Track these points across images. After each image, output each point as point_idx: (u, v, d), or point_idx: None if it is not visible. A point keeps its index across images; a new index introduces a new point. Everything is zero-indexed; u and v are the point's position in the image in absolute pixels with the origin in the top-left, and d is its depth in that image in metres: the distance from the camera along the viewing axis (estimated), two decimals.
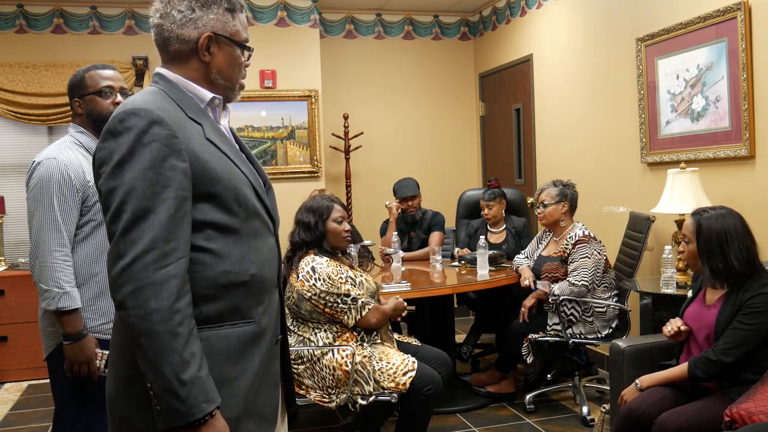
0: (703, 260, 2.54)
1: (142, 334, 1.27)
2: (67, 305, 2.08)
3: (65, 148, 2.22)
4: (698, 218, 2.57)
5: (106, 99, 2.28)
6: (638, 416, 2.48)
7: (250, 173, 1.50)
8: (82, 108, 2.28)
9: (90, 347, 2.13)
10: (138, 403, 1.36)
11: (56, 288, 2.08)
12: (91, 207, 2.19)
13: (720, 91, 3.53)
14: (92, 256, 2.19)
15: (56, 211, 2.11)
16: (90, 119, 2.29)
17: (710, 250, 2.51)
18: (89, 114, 2.28)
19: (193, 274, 1.36)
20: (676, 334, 2.63)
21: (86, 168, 2.19)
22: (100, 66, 2.32)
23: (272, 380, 1.53)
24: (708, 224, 2.53)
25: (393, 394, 2.88)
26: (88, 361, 2.13)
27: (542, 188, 3.96)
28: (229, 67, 1.51)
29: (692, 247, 2.58)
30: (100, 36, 5.33)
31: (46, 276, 2.08)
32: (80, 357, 2.12)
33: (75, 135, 2.29)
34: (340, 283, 2.94)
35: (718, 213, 2.56)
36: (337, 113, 5.97)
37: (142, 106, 1.34)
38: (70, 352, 2.11)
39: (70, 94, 2.30)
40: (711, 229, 2.52)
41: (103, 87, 2.27)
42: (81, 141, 2.28)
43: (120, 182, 1.30)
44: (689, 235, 2.59)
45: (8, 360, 4.82)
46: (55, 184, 2.12)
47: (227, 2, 1.49)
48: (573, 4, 4.79)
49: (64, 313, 2.09)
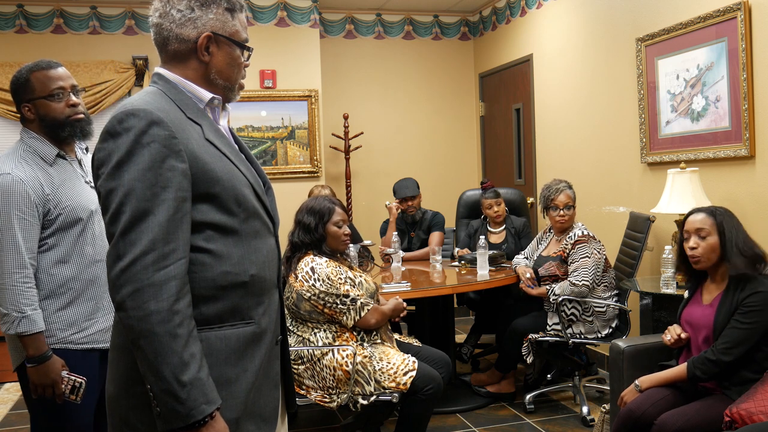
0: (732, 251, 2.50)
1: (142, 336, 1.27)
2: (27, 330, 1.98)
3: (18, 160, 2.05)
4: (714, 213, 2.56)
5: (59, 102, 2.09)
6: (638, 417, 2.48)
7: (250, 174, 1.50)
8: (33, 113, 2.10)
9: (54, 369, 2.03)
10: (138, 405, 1.36)
11: (15, 312, 1.97)
12: (55, 219, 2.05)
13: (720, 91, 3.53)
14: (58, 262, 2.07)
15: (16, 231, 1.98)
16: (44, 125, 2.10)
17: (739, 239, 2.50)
18: (42, 120, 2.09)
19: (193, 274, 1.36)
20: (676, 341, 2.63)
21: (43, 180, 2.05)
22: (44, 64, 2.12)
23: (272, 381, 1.53)
24: (727, 219, 2.54)
25: (394, 394, 2.89)
26: (52, 384, 2.03)
27: (556, 189, 3.84)
28: (228, 67, 1.50)
29: (713, 240, 2.53)
30: (100, 36, 5.33)
31: (5, 299, 1.97)
32: (44, 380, 2.02)
33: (28, 142, 2.10)
34: (339, 283, 2.94)
35: (725, 209, 2.59)
36: (337, 113, 5.97)
37: (141, 107, 1.34)
38: (35, 375, 2.02)
39: (16, 98, 2.10)
40: (731, 222, 2.53)
41: (54, 89, 2.09)
42: (35, 148, 2.09)
43: (119, 183, 1.30)
44: (708, 229, 2.54)
45: (8, 360, 4.80)
46: (13, 204, 1.98)
47: (227, 2, 1.48)
48: (573, 4, 4.79)
49: (26, 336, 1.99)
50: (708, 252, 2.56)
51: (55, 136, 2.12)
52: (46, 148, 2.11)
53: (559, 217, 3.83)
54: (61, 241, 2.08)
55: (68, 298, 2.09)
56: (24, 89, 2.10)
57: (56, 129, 2.10)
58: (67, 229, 2.08)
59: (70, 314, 2.09)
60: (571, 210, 3.84)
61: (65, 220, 2.07)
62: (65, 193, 2.08)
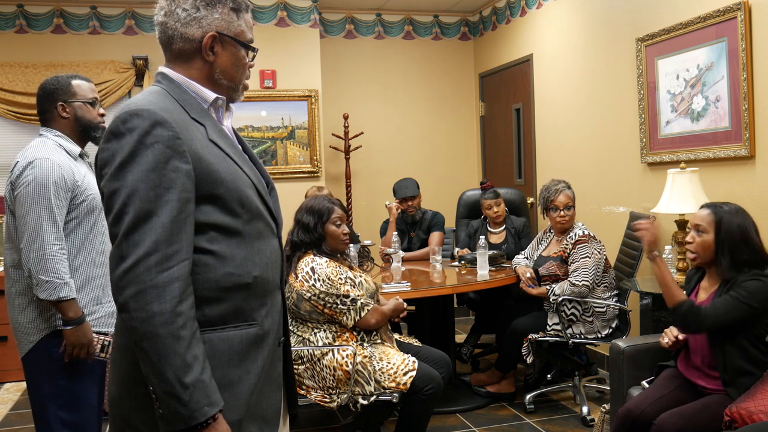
0: (723, 252, 2.49)
1: (145, 337, 1.26)
2: (67, 294, 2.18)
3: (52, 150, 2.28)
4: (717, 210, 2.54)
5: (95, 109, 2.41)
6: (637, 417, 2.48)
7: (253, 174, 1.49)
8: (69, 113, 2.35)
9: (89, 330, 2.26)
10: (140, 406, 1.35)
11: (57, 279, 2.16)
12: (78, 205, 2.28)
13: (720, 91, 3.53)
14: (73, 246, 2.27)
15: (54, 207, 2.20)
16: (78, 125, 2.37)
17: (733, 241, 2.48)
18: (78, 120, 2.37)
19: (196, 276, 1.35)
20: (674, 344, 2.63)
21: (74, 168, 2.29)
22: (82, 77, 2.42)
23: (275, 383, 1.52)
24: (729, 218, 2.50)
25: (394, 394, 2.89)
26: (88, 344, 2.24)
27: (555, 190, 3.84)
28: (232, 68, 1.49)
29: (708, 238, 2.52)
30: (100, 36, 5.33)
31: (46, 267, 2.16)
32: (82, 340, 2.23)
33: (54, 138, 2.34)
34: (339, 283, 2.94)
35: (736, 208, 2.54)
36: (337, 113, 5.98)
37: (145, 107, 1.33)
38: (73, 336, 2.21)
39: (52, 97, 2.34)
40: (732, 222, 2.49)
41: (92, 98, 2.40)
42: (62, 144, 2.33)
43: (122, 184, 1.29)
44: (706, 226, 2.53)
45: (8, 360, 4.82)
46: (51, 184, 2.20)
47: (232, 2, 1.47)
48: (573, 4, 4.79)
49: (66, 301, 2.18)
50: (701, 249, 2.54)
51: (84, 136, 2.40)
52: (71, 145, 2.36)
53: (560, 218, 3.83)
54: (78, 227, 2.29)
55: (78, 283, 2.27)
56: (65, 91, 2.35)
57: (89, 130, 2.40)
58: (86, 216, 2.31)
59: (79, 298, 2.25)
60: (571, 210, 3.84)
61: (87, 207, 2.30)
62: (88, 182, 2.33)
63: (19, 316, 2.27)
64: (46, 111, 2.36)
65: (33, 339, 2.26)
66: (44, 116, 2.36)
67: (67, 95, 2.34)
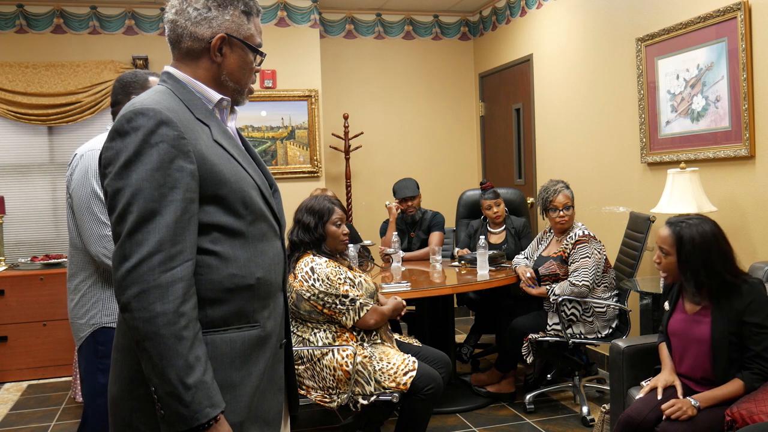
0: (686, 274, 2.48)
1: (147, 338, 1.26)
2: None
3: None
4: (677, 229, 2.50)
5: None
6: (638, 424, 2.44)
7: (257, 175, 1.49)
8: None
9: None
10: (141, 407, 1.35)
11: None
12: None
13: (720, 91, 3.53)
14: None
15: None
16: None
17: (693, 263, 2.45)
18: None
19: (199, 277, 1.35)
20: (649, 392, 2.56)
21: None
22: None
23: (276, 385, 1.52)
24: (690, 236, 2.46)
25: (394, 394, 2.89)
26: None
27: (554, 190, 3.84)
28: (239, 70, 1.49)
29: (671, 259, 2.52)
30: (100, 36, 5.33)
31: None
32: None
33: None
34: (338, 284, 2.95)
35: (695, 222, 2.49)
36: (337, 113, 5.98)
37: (150, 106, 1.33)
38: None
39: (127, 89, 2.29)
40: (693, 242, 2.45)
41: None
42: None
43: (126, 183, 1.29)
44: (667, 248, 2.52)
45: (8, 360, 4.82)
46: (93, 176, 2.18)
47: (244, 5, 1.47)
48: (573, 4, 4.79)
49: None
50: (668, 269, 2.55)
51: None
52: None
53: (559, 218, 3.83)
54: None
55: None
56: (141, 86, 2.31)
57: None
58: None
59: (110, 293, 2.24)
60: (570, 210, 3.84)
61: None
62: None
63: (73, 309, 2.29)
64: (119, 102, 2.30)
65: (82, 336, 2.28)
66: (116, 108, 2.31)
67: (142, 90, 2.32)
